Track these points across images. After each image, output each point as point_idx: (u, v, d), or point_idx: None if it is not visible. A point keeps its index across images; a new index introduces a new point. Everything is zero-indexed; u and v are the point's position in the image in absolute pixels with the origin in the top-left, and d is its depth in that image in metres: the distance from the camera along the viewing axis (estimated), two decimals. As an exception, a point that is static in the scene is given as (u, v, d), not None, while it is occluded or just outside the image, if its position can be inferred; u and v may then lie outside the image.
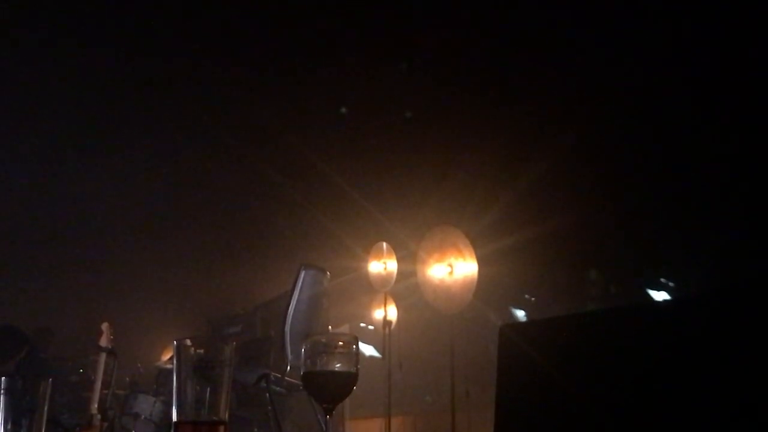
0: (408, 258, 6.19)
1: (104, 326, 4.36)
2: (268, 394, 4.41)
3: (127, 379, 6.86)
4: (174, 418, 1.25)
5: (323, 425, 2.34)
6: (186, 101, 7.78)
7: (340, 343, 1.64)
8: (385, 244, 6.26)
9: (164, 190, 9.27)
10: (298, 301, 4.42)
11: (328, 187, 8.09)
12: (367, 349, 7.48)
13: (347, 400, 1.72)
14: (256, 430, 6.22)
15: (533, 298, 8.80)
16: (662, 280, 8.25)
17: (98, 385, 4.15)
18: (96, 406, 4.05)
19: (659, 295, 8.06)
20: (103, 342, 4.32)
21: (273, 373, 4.26)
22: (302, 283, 4.46)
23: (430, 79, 7.27)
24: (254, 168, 8.30)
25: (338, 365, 1.62)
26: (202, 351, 1.27)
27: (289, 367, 4.19)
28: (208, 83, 7.65)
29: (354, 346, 1.65)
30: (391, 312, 7.00)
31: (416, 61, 7.14)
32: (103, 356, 4.31)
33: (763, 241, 6.14)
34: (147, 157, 8.77)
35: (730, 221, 6.65)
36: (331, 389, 1.64)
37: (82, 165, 8.58)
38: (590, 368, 1.37)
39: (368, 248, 6.43)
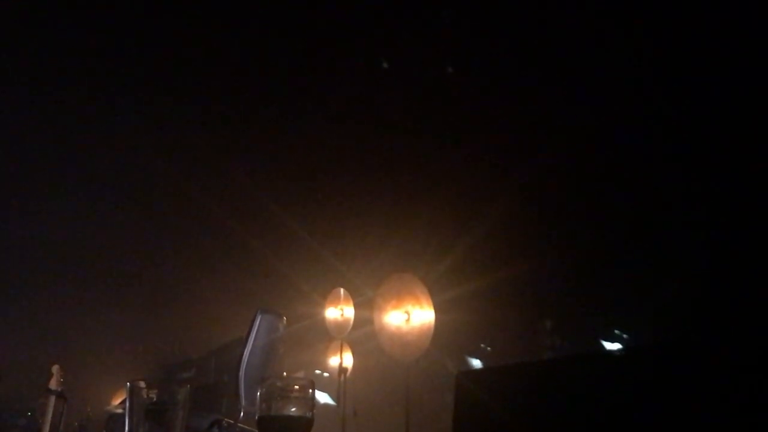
0: (365, 304, 6.17)
1: (54, 368, 4.28)
2: (220, 441, 4.33)
3: (76, 423, 6.72)
4: (126, 460, 1.24)
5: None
6: (147, 146, 7.76)
7: (296, 387, 1.63)
8: (342, 290, 6.25)
9: (116, 232, 9.17)
10: (253, 346, 4.37)
11: (286, 232, 8.07)
12: (322, 397, 7.40)
13: (301, 448, 1.70)
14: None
15: (489, 348, 8.80)
16: (616, 331, 8.31)
17: (47, 428, 4.06)
18: (43, 450, 3.96)
19: (612, 347, 8.10)
20: (53, 385, 4.24)
21: (226, 419, 4.20)
22: (258, 328, 4.41)
23: (386, 129, 7.35)
24: (211, 212, 8.26)
25: (293, 409, 1.60)
26: (155, 394, 1.26)
27: (242, 414, 4.13)
28: (159, 125, 7.64)
29: (309, 390, 1.64)
30: (347, 359, 6.95)
31: (371, 112, 7.23)
32: (52, 399, 4.22)
33: (715, 293, 6.23)
34: (98, 198, 8.70)
35: (683, 274, 6.74)
36: (286, 434, 1.62)
37: (30, 206, 8.48)
38: (545, 415, 1.38)
39: (325, 294, 6.41)
